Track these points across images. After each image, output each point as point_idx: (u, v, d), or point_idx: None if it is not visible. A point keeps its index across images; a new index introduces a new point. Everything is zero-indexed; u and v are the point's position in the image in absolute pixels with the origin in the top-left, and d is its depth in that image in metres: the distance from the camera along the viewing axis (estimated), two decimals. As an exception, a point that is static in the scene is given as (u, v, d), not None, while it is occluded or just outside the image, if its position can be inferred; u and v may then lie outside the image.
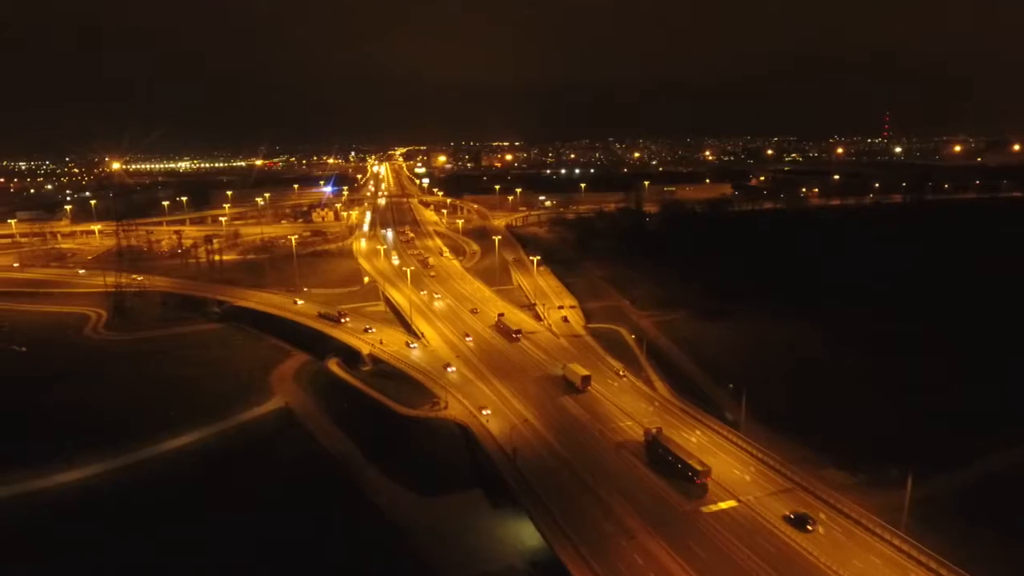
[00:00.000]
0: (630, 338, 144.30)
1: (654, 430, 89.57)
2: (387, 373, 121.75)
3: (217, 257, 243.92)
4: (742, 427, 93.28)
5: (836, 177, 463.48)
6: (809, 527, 70.44)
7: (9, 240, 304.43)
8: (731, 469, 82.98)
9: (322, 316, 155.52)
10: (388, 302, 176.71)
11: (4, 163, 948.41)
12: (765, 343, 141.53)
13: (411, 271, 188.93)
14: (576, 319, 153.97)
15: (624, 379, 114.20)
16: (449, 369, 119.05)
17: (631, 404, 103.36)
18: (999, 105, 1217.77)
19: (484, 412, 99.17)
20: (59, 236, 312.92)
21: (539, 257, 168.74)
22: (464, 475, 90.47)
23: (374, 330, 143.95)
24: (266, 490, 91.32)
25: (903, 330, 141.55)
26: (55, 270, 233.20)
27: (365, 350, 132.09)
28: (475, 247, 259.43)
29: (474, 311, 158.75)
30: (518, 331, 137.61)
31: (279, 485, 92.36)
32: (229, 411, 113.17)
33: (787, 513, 72.79)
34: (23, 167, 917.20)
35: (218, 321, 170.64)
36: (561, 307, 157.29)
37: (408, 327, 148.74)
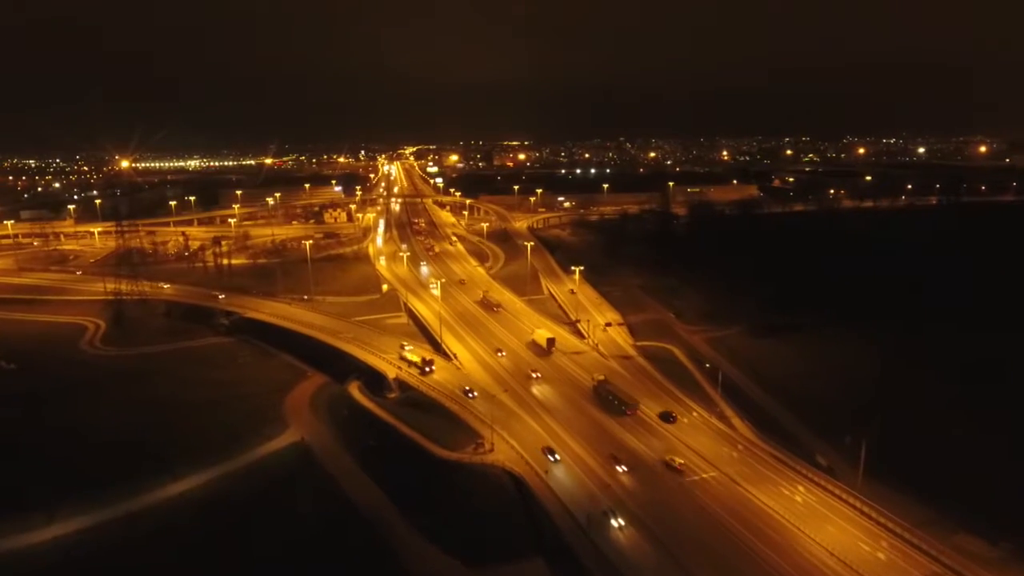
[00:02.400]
0: (686, 359, 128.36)
1: (599, 377, 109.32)
2: (418, 402, 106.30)
3: (225, 261, 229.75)
4: (859, 485, 76.96)
5: (868, 178, 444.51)
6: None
7: (11, 241, 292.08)
8: (857, 543, 67.03)
9: (405, 360, 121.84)
10: (411, 313, 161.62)
11: (14, 161, 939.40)
12: (839, 367, 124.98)
13: (435, 279, 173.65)
14: (623, 336, 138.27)
15: (695, 414, 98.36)
16: (470, 394, 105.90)
17: (709, 447, 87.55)
18: (1013, 106, 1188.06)
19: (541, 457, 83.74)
20: (62, 237, 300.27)
21: (583, 268, 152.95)
22: (519, 538, 74.70)
23: (477, 398, 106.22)
24: (279, 550, 76.23)
25: (1004, 352, 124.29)
26: (54, 274, 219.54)
27: (391, 374, 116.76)
28: (498, 251, 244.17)
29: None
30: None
31: (295, 544, 77.19)
32: (237, 446, 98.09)
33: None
34: (32, 165, 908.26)
35: (226, 334, 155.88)
36: (609, 325, 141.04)
37: (436, 344, 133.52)
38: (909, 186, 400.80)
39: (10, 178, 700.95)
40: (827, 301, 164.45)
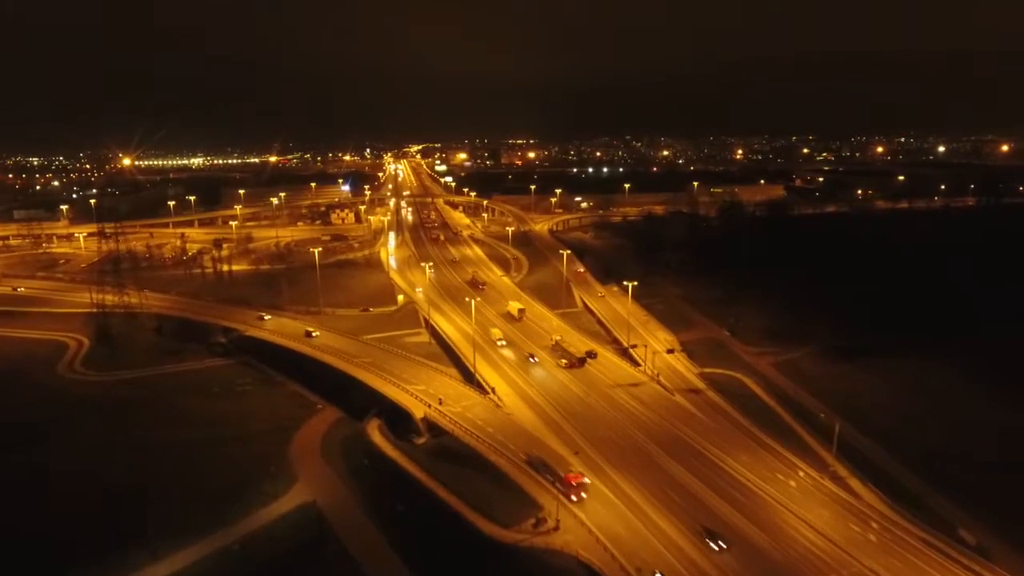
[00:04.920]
0: (763, 393, 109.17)
1: (557, 337, 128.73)
2: (453, 452, 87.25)
3: (226, 267, 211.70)
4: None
5: (901, 178, 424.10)
6: None
7: (1, 243, 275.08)
8: None
9: (531, 463, 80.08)
10: (432, 331, 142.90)
11: (17, 158, 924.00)
12: (943, 402, 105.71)
13: (459, 290, 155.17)
14: (682, 362, 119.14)
15: (801, 474, 79.21)
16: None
17: (835, 526, 68.27)
18: (1014, 104, 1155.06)
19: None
20: (54, 239, 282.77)
21: (636, 283, 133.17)
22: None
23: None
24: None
25: None
26: (39, 282, 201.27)
27: (418, 412, 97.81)
28: (520, 257, 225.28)
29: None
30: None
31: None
32: (233, 509, 79.44)
33: None
34: (35, 162, 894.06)
35: (224, 355, 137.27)
36: (671, 351, 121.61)
37: (468, 373, 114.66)
38: (943, 186, 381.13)
39: (10, 176, 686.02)
40: (903, 316, 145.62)
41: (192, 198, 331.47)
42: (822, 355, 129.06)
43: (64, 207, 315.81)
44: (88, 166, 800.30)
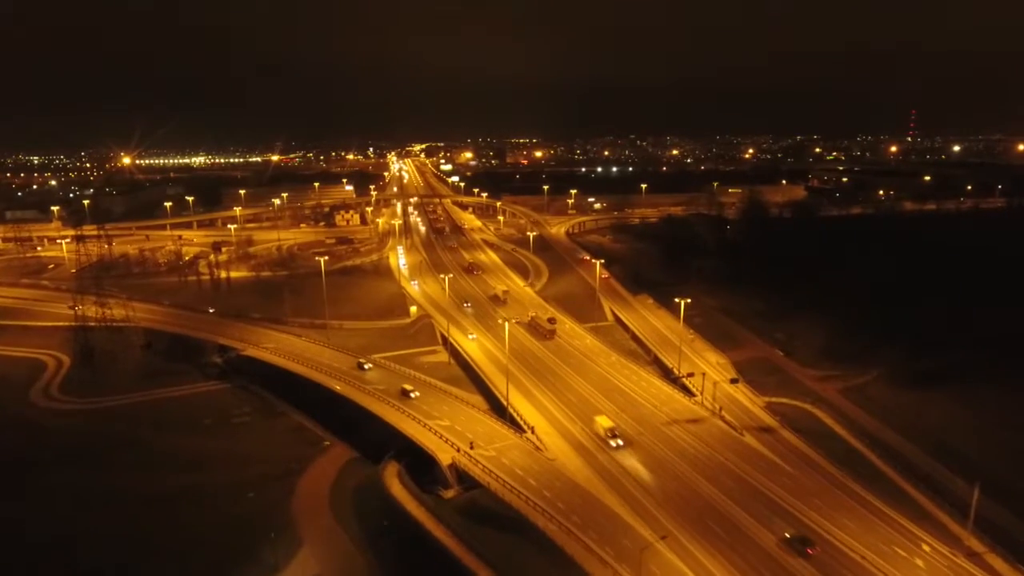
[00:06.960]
0: (844, 431, 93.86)
1: (532, 313, 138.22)
2: (489, 512, 71.97)
3: (224, 274, 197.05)
4: None
5: (927, 178, 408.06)
6: None
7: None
8: None
9: None
10: (452, 349, 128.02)
11: (18, 156, 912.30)
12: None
13: (479, 302, 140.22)
14: (743, 391, 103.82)
15: (926, 548, 64.12)
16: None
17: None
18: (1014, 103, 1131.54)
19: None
20: (45, 242, 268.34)
21: (689, 300, 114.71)
22: None
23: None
24: None
25: None
26: (22, 290, 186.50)
27: (445, 457, 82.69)
28: (539, 263, 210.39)
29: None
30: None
31: None
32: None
33: None
34: (35, 161, 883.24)
35: (219, 378, 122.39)
36: (736, 381, 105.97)
37: (498, 404, 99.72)
38: (969, 187, 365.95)
39: (8, 175, 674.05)
40: (969, 332, 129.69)
41: (191, 198, 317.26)
42: (893, 379, 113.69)
43: (55, 208, 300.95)
44: (88, 165, 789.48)
